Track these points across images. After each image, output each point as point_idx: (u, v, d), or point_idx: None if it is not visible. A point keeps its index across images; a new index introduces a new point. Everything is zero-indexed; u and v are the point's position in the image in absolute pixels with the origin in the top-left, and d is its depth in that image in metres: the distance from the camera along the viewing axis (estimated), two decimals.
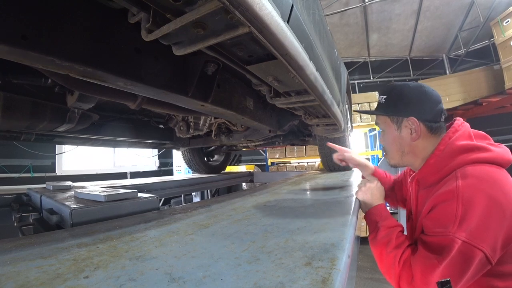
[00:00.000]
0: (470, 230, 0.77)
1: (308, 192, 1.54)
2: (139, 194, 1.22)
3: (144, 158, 7.41)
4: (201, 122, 2.42)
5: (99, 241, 0.71)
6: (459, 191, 0.82)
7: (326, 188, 1.62)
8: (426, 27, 7.46)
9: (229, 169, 5.23)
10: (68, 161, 5.69)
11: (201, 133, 2.53)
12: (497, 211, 0.79)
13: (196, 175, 3.94)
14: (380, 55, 8.88)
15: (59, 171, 5.54)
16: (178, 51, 0.77)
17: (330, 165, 2.91)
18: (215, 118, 2.40)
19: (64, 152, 5.18)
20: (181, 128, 2.39)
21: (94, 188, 1.43)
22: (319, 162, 5.28)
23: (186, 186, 2.96)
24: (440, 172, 0.96)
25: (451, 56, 8.44)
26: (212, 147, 3.99)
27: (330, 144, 1.55)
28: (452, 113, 6.52)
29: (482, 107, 5.97)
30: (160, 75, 1.12)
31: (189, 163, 3.85)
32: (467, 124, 1.03)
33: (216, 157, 4.38)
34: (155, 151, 7.40)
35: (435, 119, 1.02)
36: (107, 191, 1.19)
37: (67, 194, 1.39)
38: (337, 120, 1.74)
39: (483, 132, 1.00)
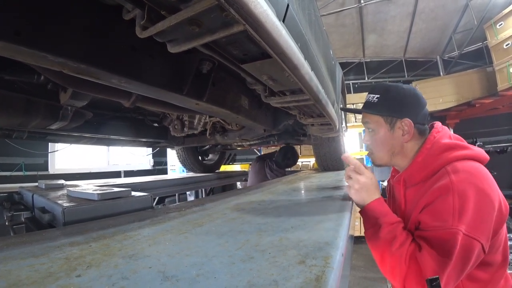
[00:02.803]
0: (468, 223, 0.79)
1: (302, 191, 1.55)
2: (133, 193, 1.21)
3: (138, 157, 7.37)
4: (196, 120, 2.41)
5: (91, 240, 0.71)
6: (454, 185, 0.85)
7: (321, 187, 1.63)
8: (421, 29, 7.53)
9: (223, 168, 5.23)
10: (61, 159, 5.64)
11: (195, 132, 2.52)
12: (488, 203, 0.83)
13: (191, 174, 3.93)
14: (375, 56, 8.94)
15: (52, 170, 5.48)
16: (173, 49, 0.77)
17: (324, 165, 2.92)
18: (210, 117, 2.39)
19: (57, 151, 5.12)
20: (176, 126, 2.38)
21: (87, 187, 1.42)
22: (314, 161, 5.29)
23: (180, 185, 2.95)
24: (428, 169, 0.99)
25: (445, 58, 8.54)
26: (207, 146, 3.98)
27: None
28: (445, 114, 6.60)
29: (475, 109, 6.05)
30: (155, 73, 1.11)
31: (184, 162, 3.84)
32: (446, 127, 1.09)
33: (210, 156, 4.37)
34: (149, 150, 7.37)
35: (423, 121, 1.07)
36: (100, 190, 1.18)
37: (60, 192, 1.38)
38: (332, 120, 1.75)
39: (458, 135, 1.06)
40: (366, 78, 9.13)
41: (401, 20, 7.30)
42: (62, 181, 1.74)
